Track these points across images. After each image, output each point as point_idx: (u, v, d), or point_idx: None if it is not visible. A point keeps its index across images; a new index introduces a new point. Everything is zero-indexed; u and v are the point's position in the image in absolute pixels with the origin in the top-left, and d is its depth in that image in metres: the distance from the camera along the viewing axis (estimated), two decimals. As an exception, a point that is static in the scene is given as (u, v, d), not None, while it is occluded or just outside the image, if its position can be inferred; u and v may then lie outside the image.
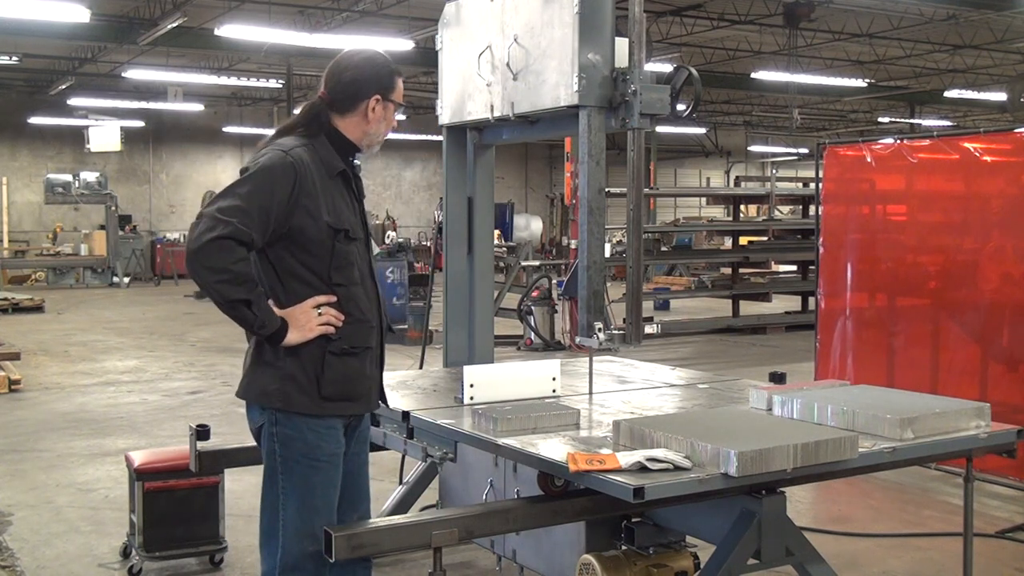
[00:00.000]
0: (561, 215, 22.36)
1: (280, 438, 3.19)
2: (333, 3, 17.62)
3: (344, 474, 3.34)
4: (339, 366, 3.19)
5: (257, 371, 3.21)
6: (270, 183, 3.10)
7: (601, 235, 4.05)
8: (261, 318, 3.07)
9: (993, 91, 25.27)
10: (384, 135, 3.42)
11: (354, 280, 3.24)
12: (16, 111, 28.04)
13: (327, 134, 3.31)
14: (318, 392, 3.16)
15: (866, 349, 7.49)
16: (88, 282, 23.98)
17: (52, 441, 8.06)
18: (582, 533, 3.84)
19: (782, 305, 16.87)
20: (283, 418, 3.17)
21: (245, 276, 3.03)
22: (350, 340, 3.22)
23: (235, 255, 3.01)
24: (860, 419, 3.51)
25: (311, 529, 3.16)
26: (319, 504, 3.20)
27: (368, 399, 3.35)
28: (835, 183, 7.78)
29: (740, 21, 19.34)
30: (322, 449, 3.20)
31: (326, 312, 3.16)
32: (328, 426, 3.22)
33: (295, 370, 3.15)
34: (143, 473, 5.05)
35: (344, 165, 3.31)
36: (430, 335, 8.59)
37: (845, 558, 5.17)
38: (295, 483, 3.18)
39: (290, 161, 3.14)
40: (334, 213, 3.19)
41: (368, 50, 3.45)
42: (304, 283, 3.17)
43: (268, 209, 3.07)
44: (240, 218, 3.02)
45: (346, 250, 3.22)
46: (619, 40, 4.02)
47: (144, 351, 13.23)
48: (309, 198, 3.13)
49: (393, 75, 3.36)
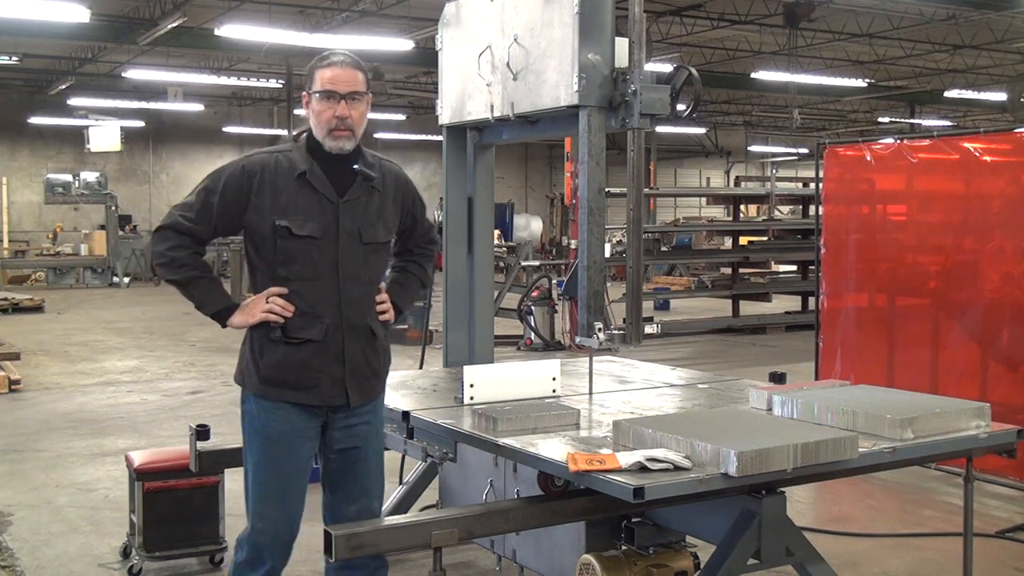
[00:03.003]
0: (561, 215, 22.35)
1: (245, 415, 3.52)
2: (333, 3, 17.61)
3: (334, 468, 3.53)
4: (276, 352, 3.40)
5: (239, 354, 3.54)
6: (217, 183, 3.42)
7: (601, 235, 4.05)
8: (197, 299, 3.42)
9: (993, 91, 25.27)
10: (324, 126, 3.41)
11: (299, 275, 3.39)
12: (16, 111, 28.04)
13: (308, 137, 3.50)
14: (257, 374, 3.42)
15: (866, 349, 7.49)
16: (88, 282, 23.98)
17: (52, 441, 8.06)
18: (582, 533, 3.84)
19: (782, 305, 16.86)
20: (246, 396, 3.50)
21: (180, 261, 3.39)
22: (290, 330, 3.38)
23: (170, 242, 3.39)
24: (860, 419, 3.51)
25: (261, 506, 3.44)
26: (270, 481, 3.45)
27: (320, 392, 3.42)
28: (835, 183, 7.78)
29: (740, 21, 19.33)
30: (270, 428, 3.43)
31: (272, 301, 3.37)
32: (276, 407, 3.42)
33: (247, 353, 3.48)
34: (143, 473, 5.05)
35: (307, 167, 3.41)
36: (430, 335, 8.59)
37: (845, 558, 5.17)
38: (252, 459, 3.49)
39: (242, 165, 3.44)
40: (284, 211, 3.37)
41: (324, 51, 3.58)
42: (261, 272, 3.46)
43: (211, 205, 3.40)
44: (182, 211, 3.42)
45: (289, 246, 3.37)
46: (619, 40, 4.02)
47: (144, 351, 13.23)
48: (259, 198, 3.38)
49: (312, 69, 3.49)
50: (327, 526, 3.12)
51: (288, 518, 3.46)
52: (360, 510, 3.52)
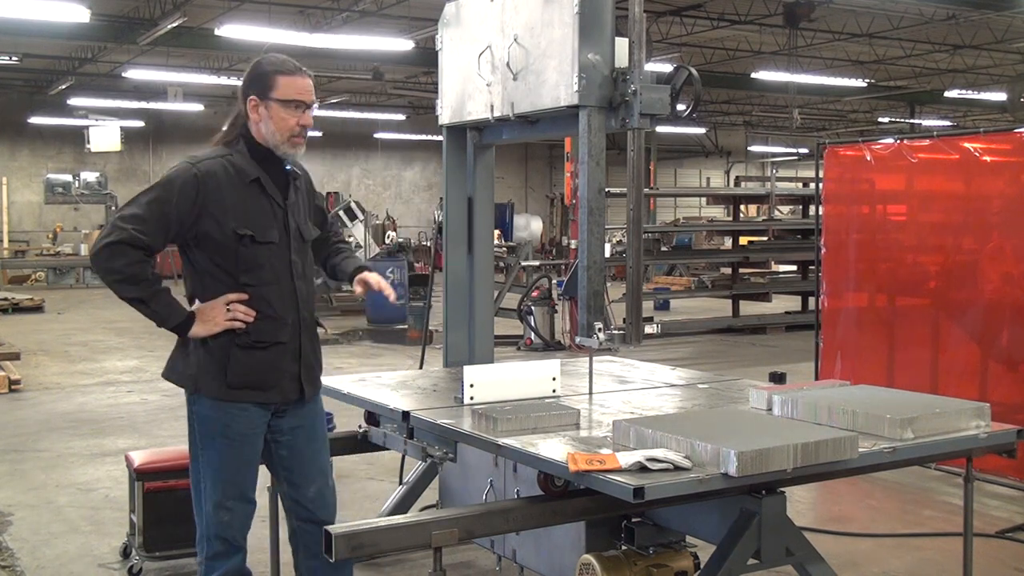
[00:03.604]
0: (561, 215, 22.38)
1: (197, 417, 3.51)
2: (333, 3, 17.61)
3: (284, 454, 3.61)
4: (245, 359, 3.43)
5: (176, 355, 3.54)
6: (170, 193, 3.35)
7: (601, 235, 4.05)
8: (160, 313, 3.38)
9: (993, 91, 25.27)
10: (285, 134, 3.47)
11: (264, 280, 3.44)
12: (16, 111, 28.05)
13: (245, 140, 3.50)
14: (225, 380, 3.42)
15: (866, 349, 7.49)
16: (88, 282, 23.95)
17: (52, 441, 8.06)
18: (582, 533, 3.83)
19: (782, 305, 16.86)
20: (198, 399, 3.49)
21: (138, 277, 3.32)
22: (258, 335, 3.44)
23: (128, 258, 3.30)
24: (860, 419, 3.51)
25: (224, 501, 3.47)
26: (232, 478, 3.49)
27: (281, 389, 3.52)
28: (835, 183, 7.78)
29: (740, 21, 19.33)
30: (232, 428, 3.46)
31: (235, 308, 3.40)
32: (240, 408, 3.46)
33: (205, 359, 3.44)
34: (143, 473, 5.05)
35: (258, 172, 3.46)
36: (430, 335, 8.58)
37: (845, 558, 5.17)
38: (210, 459, 3.49)
39: (194, 172, 3.38)
40: (242, 219, 3.39)
41: (267, 55, 3.60)
42: (218, 280, 3.43)
43: (167, 216, 3.34)
44: (135, 224, 3.31)
45: (253, 253, 3.42)
46: (619, 40, 4.01)
47: (144, 351, 13.22)
48: (215, 205, 3.37)
49: (272, 75, 3.47)
50: (320, 524, 3.22)
51: (248, 506, 3.57)
52: (321, 488, 3.65)
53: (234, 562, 3.53)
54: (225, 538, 3.51)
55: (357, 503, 6.21)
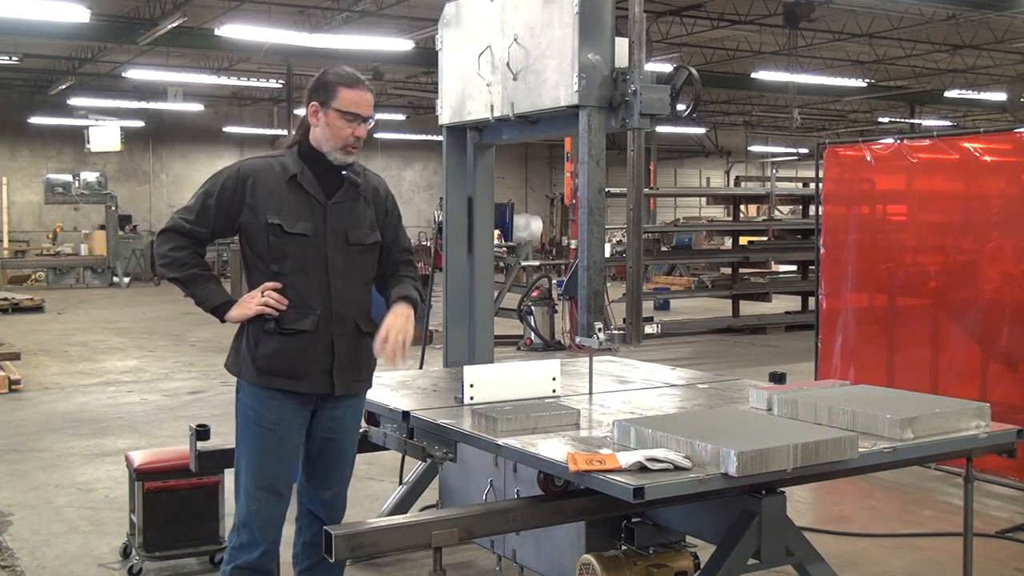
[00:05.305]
0: (561, 215, 22.35)
1: (240, 404, 3.68)
2: (333, 3, 17.62)
3: (314, 456, 3.75)
4: (270, 343, 3.57)
5: (232, 346, 3.72)
6: (215, 186, 3.63)
7: (601, 235, 4.05)
8: (198, 295, 3.60)
9: (993, 91, 25.27)
10: (340, 142, 3.62)
11: (291, 269, 3.58)
12: (16, 111, 28.05)
13: (301, 143, 3.69)
14: (254, 364, 3.58)
15: (866, 349, 7.49)
16: (88, 282, 23.98)
17: (52, 441, 8.06)
18: (582, 533, 3.83)
19: (782, 305, 16.86)
20: (242, 386, 3.67)
21: (180, 261, 3.59)
22: (283, 322, 3.56)
23: (172, 243, 3.60)
24: (860, 419, 3.51)
25: (254, 490, 3.60)
26: (263, 467, 3.61)
27: (311, 380, 3.60)
28: (835, 183, 7.77)
29: (740, 21, 19.34)
30: (264, 417, 3.60)
31: (268, 295, 3.55)
32: (271, 396, 3.59)
33: (243, 345, 3.64)
34: (143, 473, 5.05)
35: (299, 170, 3.63)
36: (430, 335, 8.58)
37: (845, 558, 5.17)
38: (245, 445, 3.65)
39: (237, 168, 3.66)
40: (275, 210, 3.57)
41: (335, 67, 3.74)
42: (256, 269, 3.64)
43: (210, 207, 3.60)
44: (183, 214, 3.64)
45: (281, 242, 3.57)
46: (619, 40, 4.02)
47: (144, 351, 13.23)
48: (254, 198, 3.58)
49: (335, 85, 3.62)
50: (322, 523, 3.28)
51: (278, 500, 3.65)
52: (335, 495, 3.80)
53: (253, 556, 3.59)
54: (250, 528, 3.60)
55: (357, 503, 6.20)
